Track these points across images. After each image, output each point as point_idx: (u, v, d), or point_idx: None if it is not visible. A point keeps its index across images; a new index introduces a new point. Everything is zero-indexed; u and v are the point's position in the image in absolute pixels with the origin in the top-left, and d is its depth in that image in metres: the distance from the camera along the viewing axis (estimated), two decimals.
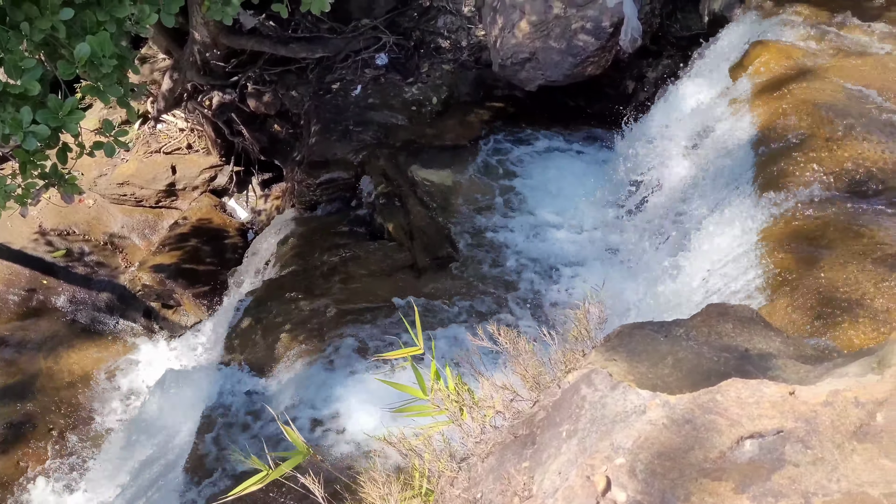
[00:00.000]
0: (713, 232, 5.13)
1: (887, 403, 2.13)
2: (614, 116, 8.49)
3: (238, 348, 6.75)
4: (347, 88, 9.28)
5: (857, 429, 2.05)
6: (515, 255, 7.10)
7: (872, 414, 2.10)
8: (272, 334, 6.60)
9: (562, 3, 8.33)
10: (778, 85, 6.01)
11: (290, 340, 6.47)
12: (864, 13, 7.01)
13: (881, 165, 4.89)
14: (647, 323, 3.35)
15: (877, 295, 3.88)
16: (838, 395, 2.15)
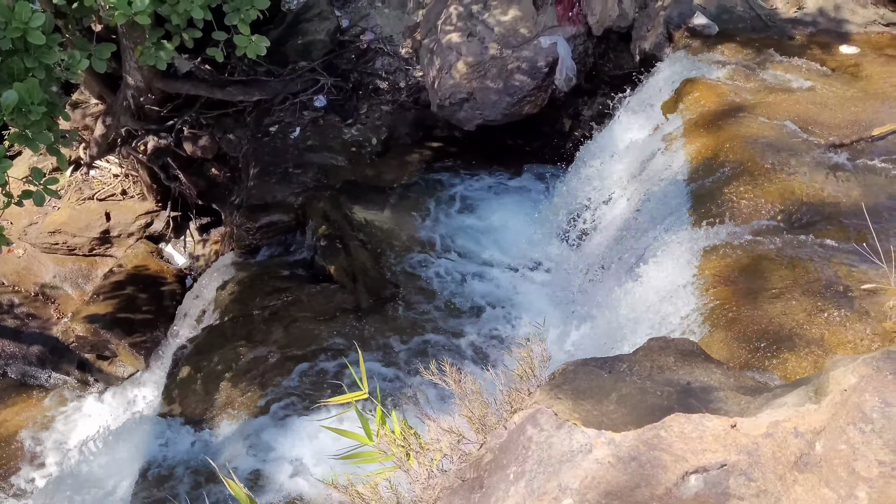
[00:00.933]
0: (652, 266, 5.20)
1: (825, 432, 2.16)
2: (553, 154, 8.63)
3: (177, 399, 6.55)
4: (286, 131, 9.24)
5: (797, 459, 2.07)
6: (459, 294, 7.10)
7: (812, 443, 2.13)
8: (213, 383, 6.43)
9: (497, 44, 8.49)
10: (709, 121, 6.19)
11: (231, 389, 6.31)
12: (786, 51, 7.31)
13: (808, 198, 5.05)
14: (591, 359, 3.36)
15: (811, 324, 3.97)
16: (778, 426, 2.17)
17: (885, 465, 2.05)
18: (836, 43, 7.50)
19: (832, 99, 6.47)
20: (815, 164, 5.47)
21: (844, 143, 5.79)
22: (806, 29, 7.77)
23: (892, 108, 6.33)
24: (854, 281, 4.17)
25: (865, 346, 3.72)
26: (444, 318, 6.83)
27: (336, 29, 9.82)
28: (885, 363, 2.38)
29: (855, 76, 6.91)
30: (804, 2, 8.04)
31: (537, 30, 8.61)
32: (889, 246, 4.22)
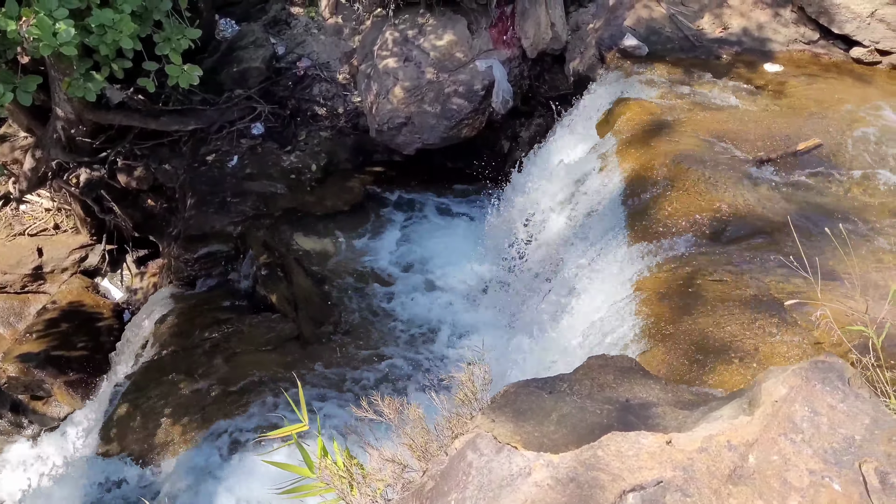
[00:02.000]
0: (591, 284, 5.26)
1: (758, 444, 2.20)
2: (492, 175, 8.69)
3: (116, 438, 6.36)
4: (223, 160, 9.12)
5: (731, 472, 2.10)
6: (402, 320, 7.08)
7: (745, 456, 2.16)
8: (152, 420, 6.26)
9: (434, 68, 8.55)
10: (641, 139, 6.32)
11: (171, 425, 6.15)
12: (714, 70, 7.53)
13: (738, 212, 5.19)
14: (532, 380, 3.38)
15: (744, 336, 4.06)
16: (712, 441, 2.20)
17: (815, 473, 2.09)
18: (760, 61, 7.75)
19: (758, 115, 6.67)
20: (744, 179, 5.63)
21: (771, 157, 5.97)
22: (732, 48, 8.01)
23: (815, 123, 6.56)
24: (783, 293, 4.28)
25: (796, 355, 3.82)
26: (389, 344, 6.79)
27: (272, 56, 9.76)
28: (813, 373, 2.44)
29: (779, 93, 7.15)
30: (729, 22, 8.29)
31: (473, 53, 8.70)
32: (815, 257, 4.35)
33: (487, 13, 8.90)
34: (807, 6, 8.11)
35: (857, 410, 2.33)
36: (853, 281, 4.34)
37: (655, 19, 8.19)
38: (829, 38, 8.19)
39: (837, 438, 2.22)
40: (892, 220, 5.36)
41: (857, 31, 7.92)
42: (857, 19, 7.88)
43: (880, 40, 7.86)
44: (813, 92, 7.17)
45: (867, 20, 7.85)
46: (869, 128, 6.55)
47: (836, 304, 4.03)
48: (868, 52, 7.94)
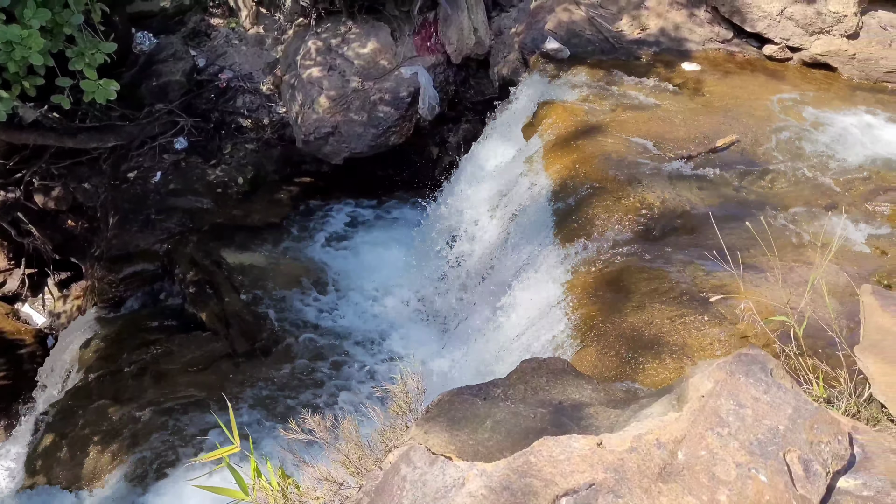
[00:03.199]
0: (524, 287, 5.29)
1: (686, 440, 2.22)
2: (423, 182, 8.68)
3: (42, 469, 6.11)
4: (146, 176, 8.88)
5: (661, 470, 2.12)
6: (337, 332, 6.99)
7: (674, 453, 2.19)
8: (80, 449, 6.03)
9: (359, 76, 8.50)
10: (566, 142, 6.39)
11: (100, 453, 5.94)
12: (634, 71, 7.67)
13: (662, 210, 5.29)
14: (466, 387, 3.36)
15: (673, 332, 4.13)
16: (642, 440, 2.22)
17: (742, 466, 2.13)
18: (678, 61, 7.94)
19: (678, 114, 6.82)
20: (667, 176, 5.75)
21: (692, 155, 6.11)
22: (650, 49, 8.19)
23: (732, 120, 6.75)
24: (709, 287, 4.38)
25: (723, 348, 3.90)
26: (324, 358, 6.70)
27: (192, 69, 9.56)
28: (737, 366, 2.49)
29: (697, 91, 7.33)
30: (647, 23, 8.48)
31: (397, 61, 8.69)
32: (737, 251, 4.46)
33: (410, 20, 8.90)
34: (720, 6, 8.35)
35: (780, 401, 2.38)
36: (775, 272, 4.47)
37: (576, 22, 8.31)
38: (742, 37, 8.45)
39: (762, 430, 2.26)
40: (808, 210, 5.54)
41: (769, 28, 8.18)
42: (768, 18, 8.15)
43: (790, 37, 8.15)
44: (729, 89, 7.37)
45: (777, 18, 8.13)
46: (782, 123, 6.78)
47: (759, 296, 4.15)
48: (779, 50, 8.22)
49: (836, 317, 4.07)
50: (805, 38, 8.15)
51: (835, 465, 2.26)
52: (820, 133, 6.72)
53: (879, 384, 2.94)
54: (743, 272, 4.39)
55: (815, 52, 8.15)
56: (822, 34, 8.13)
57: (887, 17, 8.48)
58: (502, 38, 8.92)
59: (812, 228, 5.24)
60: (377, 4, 8.81)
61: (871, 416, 3.01)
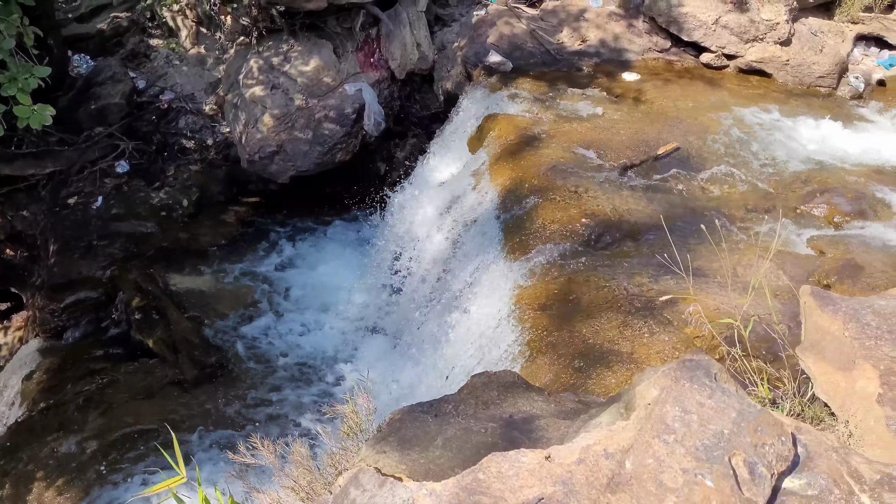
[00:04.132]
0: (474, 301, 5.29)
1: (633, 449, 2.23)
2: (371, 199, 8.64)
3: None
4: (87, 201, 8.67)
5: (609, 481, 2.12)
6: (289, 353, 6.90)
7: (622, 462, 2.19)
8: (23, 486, 5.82)
9: (302, 94, 8.44)
10: (512, 154, 6.43)
11: (45, 489, 5.74)
12: (576, 82, 7.77)
13: (608, 218, 5.35)
14: (417, 405, 3.34)
15: (622, 339, 4.17)
16: (589, 451, 2.22)
17: (689, 472, 2.13)
18: (619, 71, 8.06)
19: (620, 123, 6.92)
20: (611, 185, 5.81)
21: (635, 163, 6.20)
22: (591, 60, 8.30)
23: (672, 127, 6.87)
24: (655, 293, 4.43)
25: (671, 353, 3.95)
26: (276, 380, 6.60)
27: (132, 90, 9.38)
28: (682, 372, 2.51)
29: (638, 100, 7.45)
30: (587, 35, 8.60)
31: (341, 77, 8.66)
32: (685, 254, 4.52)
33: (353, 37, 8.88)
34: (657, 16, 8.51)
35: (725, 405, 2.40)
36: (720, 276, 4.54)
37: (517, 35, 8.39)
38: (680, 46, 8.63)
39: (708, 434, 2.27)
40: (749, 214, 5.66)
41: (705, 37, 8.37)
42: (704, 27, 8.33)
43: (726, 45, 8.34)
44: (669, 98, 7.51)
45: (713, 27, 8.32)
46: (721, 129, 6.92)
47: (704, 299, 4.20)
48: (716, 57, 8.41)
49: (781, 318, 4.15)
50: (740, 45, 8.35)
51: (779, 466, 2.28)
52: (758, 138, 6.88)
53: (821, 383, 2.99)
54: (690, 277, 4.45)
55: (751, 59, 8.36)
56: (757, 41, 8.35)
57: (817, 23, 8.75)
58: (445, 52, 8.96)
59: (753, 232, 5.34)
60: (319, 22, 8.78)
61: (814, 415, 3.06)
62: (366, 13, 8.77)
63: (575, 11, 8.79)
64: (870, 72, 8.59)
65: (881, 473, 2.38)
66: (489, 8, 9.00)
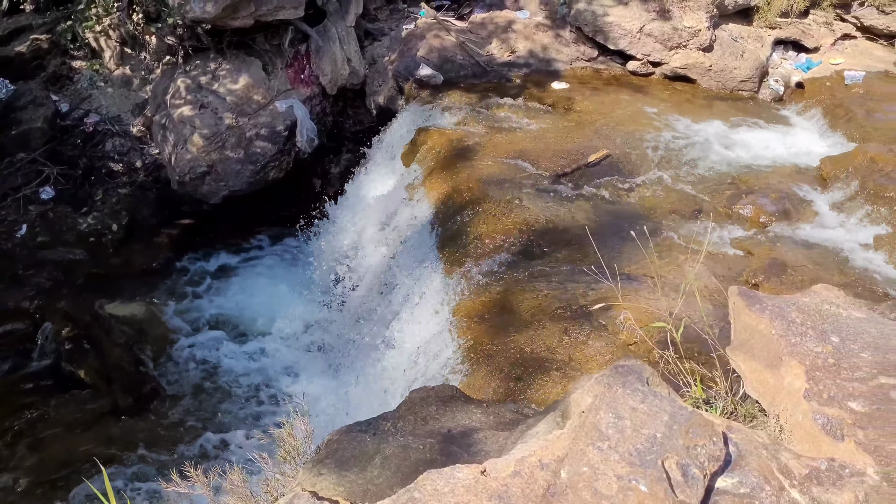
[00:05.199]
0: (412, 315, 5.26)
1: (568, 458, 2.23)
2: (307, 216, 8.55)
3: None
4: (11, 230, 8.37)
5: (545, 492, 2.12)
6: (227, 377, 6.75)
7: (557, 472, 2.19)
8: None
9: (232, 113, 8.32)
10: (445, 167, 6.44)
11: None
12: (507, 93, 7.84)
13: (542, 227, 5.39)
14: (356, 424, 3.30)
15: (559, 347, 4.19)
16: (525, 463, 2.22)
17: (623, 478, 2.15)
18: (548, 81, 8.17)
19: (552, 132, 7.00)
20: (545, 194, 5.87)
21: (567, 172, 6.27)
22: (521, 70, 8.40)
23: (602, 135, 6.98)
24: (590, 300, 4.47)
25: (606, 359, 3.98)
26: (213, 405, 6.45)
27: (55, 114, 9.11)
28: (614, 378, 2.53)
29: (568, 109, 7.55)
30: (516, 46, 8.69)
31: (271, 95, 8.56)
32: (615, 262, 4.58)
33: (282, 53, 8.80)
34: (583, 26, 8.66)
35: (657, 409, 2.43)
36: (652, 280, 4.61)
37: (447, 48, 8.43)
38: (606, 54, 8.80)
39: (641, 439, 2.29)
40: (678, 218, 5.77)
41: (630, 45, 8.55)
42: (629, 35, 8.51)
43: (651, 53, 8.53)
44: (598, 105, 7.63)
45: (637, 35, 8.50)
46: (649, 135, 7.06)
47: (638, 304, 4.26)
48: (642, 65, 8.59)
49: (712, 318, 4.23)
50: (665, 52, 8.55)
51: (711, 466, 2.31)
52: (684, 142, 7.03)
53: (751, 381, 3.05)
54: (621, 282, 4.51)
55: (675, 66, 8.57)
56: (680, 48, 8.57)
57: (737, 29, 9.03)
58: (376, 66, 8.95)
59: (683, 235, 5.45)
60: (246, 39, 8.68)
61: (746, 413, 3.12)
62: (294, 29, 8.70)
63: (503, 23, 8.88)
64: (788, 75, 8.89)
65: (809, 467, 2.44)
66: (418, 21, 9.03)
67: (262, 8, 8.00)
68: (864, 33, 9.40)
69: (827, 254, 5.29)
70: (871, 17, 9.20)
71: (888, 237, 5.54)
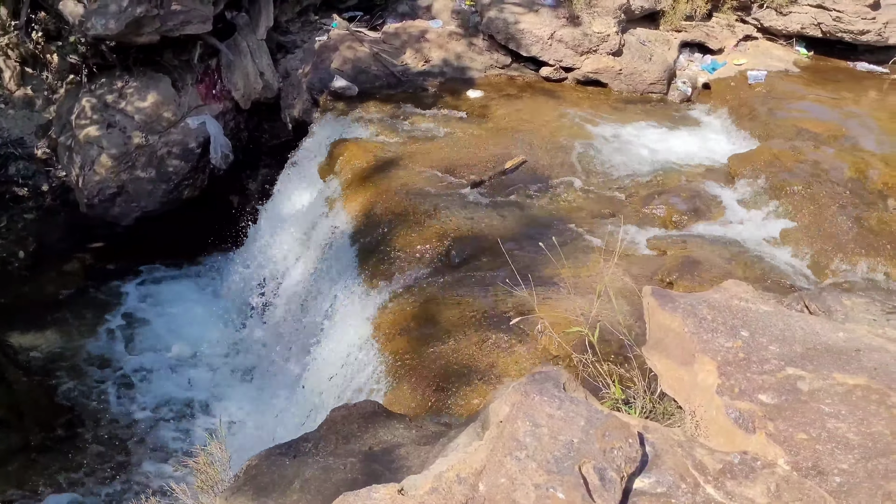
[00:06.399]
0: (334, 331, 5.19)
1: (486, 470, 2.22)
2: (226, 233, 8.36)
3: None
4: None
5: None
6: (144, 405, 6.53)
7: (475, 486, 2.17)
8: None
9: (141, 131, 8.08)
10: (363, 179, 6.39)
11: None
12: (423, 102, 7.84)
13: (461, 236, 5.39)
14: (276, 447, 3.22)
15: (481, 355, 4.19)
16: (442, 478, 2.19)
17: (541, 487, 2.14)
18: (463, 89, 8.21)
19: (468, 140, 7.03)
20: (463, 203, 5.88)
21: (484, 180, 6.30)
22: (436, 79, 8.41)
23: (518, 141, 7.04)
24: (510, 307, 4.49)
25: (528, 366, 4.00)
26: (130, 436, 6.22)
27: None
28: (531, 386, 2.52)
29: (484, 117, 7.60)
30: (430, 55, 8.70)
31: (182, 112, 8.36)
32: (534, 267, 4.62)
33: (191, 69, 8.60)
34: (496, 34, 8.74)
35: (574, 414, 2.44)
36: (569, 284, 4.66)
37: (361, 59, 8.38)
38: (520, 61, 8.89)
39: (558, 446, 2.29)
40: (595, 221, 5.86)
41: (543, 52, 8.66)
42: (541, 42, 8.62)
43: (563, 58, 8.66)
44: (513, 112, 7.70)
45: (549, 42, 8.62)
46: (564, 139, 7.16)
47: (556, 309, 4.29)
48: (554, 71, 8.71)
49: (630, 319, 4.30)
50: (576, 58, 8.70)
51: (628, 468, 2.33)
52: (599, 146, 7.16)
53: (666, 379, 3.09)
54: (540, 288, 4.53)
55: (587, 71, 8.73)
56: (591, 53, 8.73)
57: (645, 33, 9.25)
58: (290, 79, 8.84)
59: (599, 237, 5.53)
60: (154, 55, 8.45)
61: (664, 411, 3.17)
62: (203, 44, 8.52)
63: (416, 33, 8.89)
64: (695, 76, 9.16)
65: (723, 462, 2.48)
66: (331, 33, 8.96)
67: (168, 23, 7.80)
68: (765, 34, 9.77)
69: (737, 249, 5.45)
70: (770, 19, 9.57)
71: (793, 231, 5.75)
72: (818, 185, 6.19)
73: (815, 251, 5.51)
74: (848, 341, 3.05)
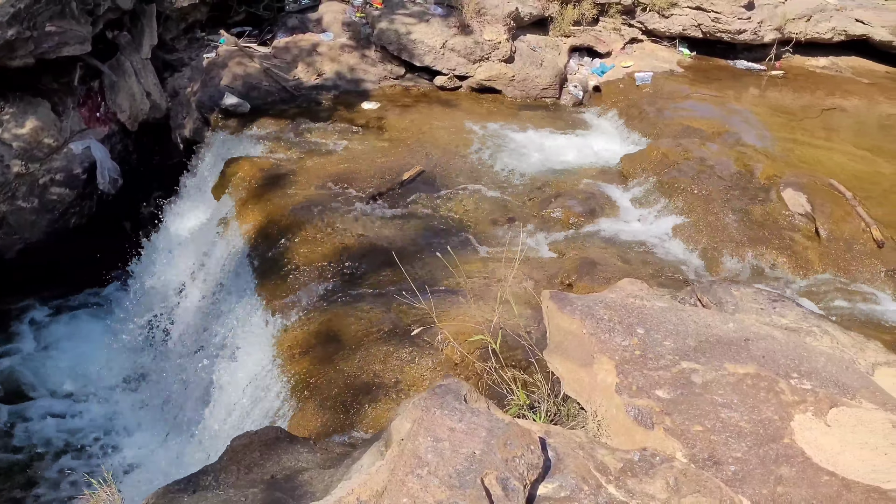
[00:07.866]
0: (236, 355, 5.03)
1: (387, 492, 2.17)
2: (119, 260, 8.01)
3: None
4: None
5: None
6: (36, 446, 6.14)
7: None
8: None
9: (21, 159, 7.66)
10: (258, 197, 6.25)
11: None
12: (317, 116, 7.74)
13: (359, 250, 5.33)
14: (174, 483, 3.09)
15: (386, 371, 4.14)
16: None
17: (443, 503, 2.11)
18: (358, 101, 8.15)
19: (365, 153, 6.97)
20: (361, 216, 5.82)
21: (382, 191, 6.25)
22: (330, 93, 8.32)
23: (415, 151, 7.03)
24: (412, 319, 4.45)
25: (433, 378, 3.97)
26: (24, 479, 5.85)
27: None
28: (432, 400, 2.49)
29: (380, 129, 7.56)
30: (322, 69, 8.61)
31: (64, 137, 7.97)
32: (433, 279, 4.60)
33: (72, 92, 8.22)
34: (388, 45, 8.72)
35: (475, 425, 2.42)
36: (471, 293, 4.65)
37: (251, 75, 8.22)
38: (414, 71, 8.90)
39: (460, 459, 2.27)
40: (494, 227, 5.90)
41: (435, 61, 8.70)
42: (433, 51, 8.66)
43: (456, 67, 8.72)
44: (409, 122, 7.69)
45: (441, 51, 8.66)
46: (461, 147, 7.20)
47: (458, 319, 4.28)
48: (449, 79, 8.76)
49: (532, 324, 4.33)
50: (469, 66, 8.77)
51: (531, 475, 2.32)
52: (495, 152, 7.22)
53: (568, 381, 3.11)
54: (442, 297, 4.52)
55: (480, 78, 8.81)
56: (483, 61, 8.82)
57: (535, 39, 9.42)
58: (179, 98, 8.58)
59: (500, 243, 5.57)
60: (31, 79, 8.03)
61: (569, 413, 3.20)
62: (84, 66, 8.16)
63: (307, 46, 8.78)
64: (586, 80, 9.37)
65: (623, 461, 2.51)
66: (219, 49, 8.74)
67: (43, 45, 7.44)
68: (649, 36, 10.09)
69: (632, 247, 5.59)
70: (653, 22, 9.90)
71: (684, 226, 5.94)
72: (706, 180, 6.42)
73: (705, 245, 5.71)
74: (738, 332, 3.15)
